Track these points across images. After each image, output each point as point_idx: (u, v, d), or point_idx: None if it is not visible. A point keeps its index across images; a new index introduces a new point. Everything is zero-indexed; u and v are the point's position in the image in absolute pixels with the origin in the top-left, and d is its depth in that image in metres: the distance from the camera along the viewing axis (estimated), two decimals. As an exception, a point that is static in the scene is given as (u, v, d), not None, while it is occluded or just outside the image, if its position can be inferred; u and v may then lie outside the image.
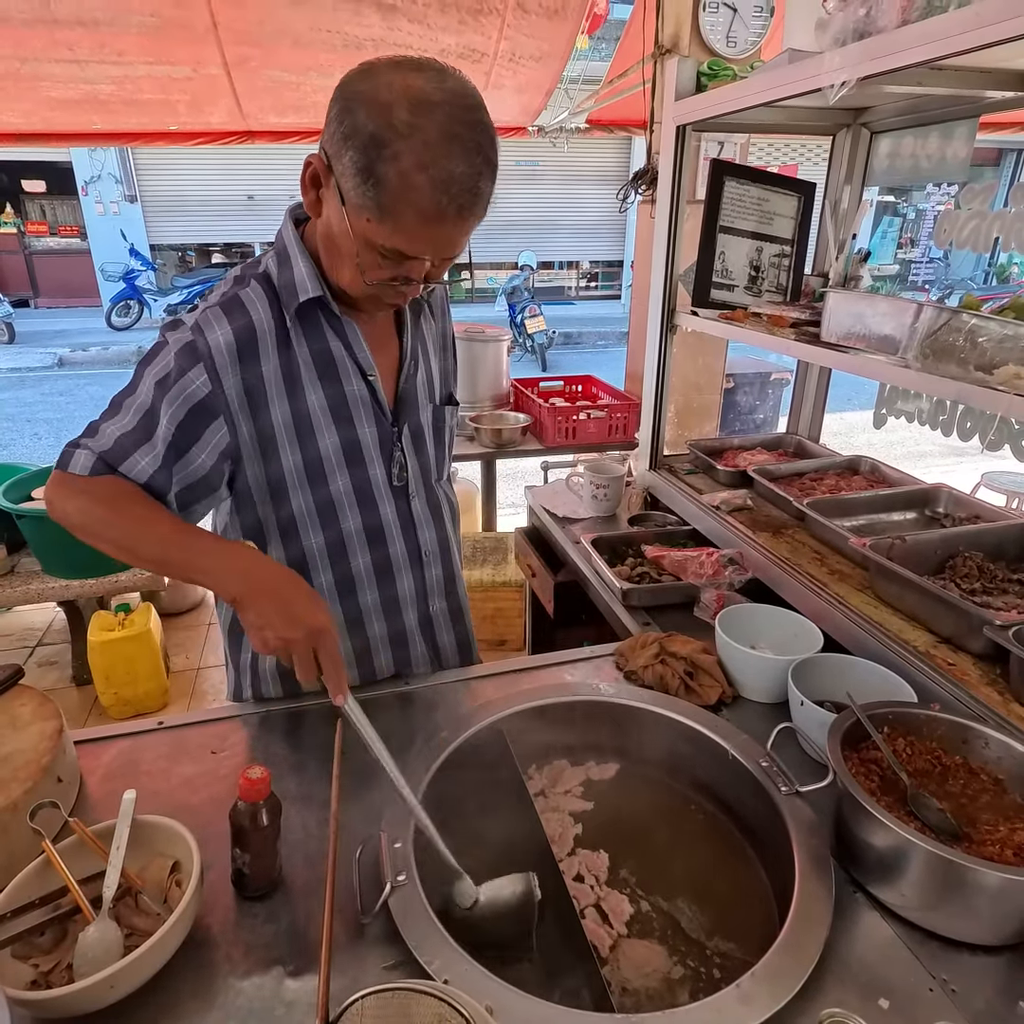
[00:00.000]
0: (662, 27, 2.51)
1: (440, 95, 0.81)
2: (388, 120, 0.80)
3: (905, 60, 1.03)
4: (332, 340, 1.04)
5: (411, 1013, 0.62)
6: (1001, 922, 0.77)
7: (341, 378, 1.05)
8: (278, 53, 3.27)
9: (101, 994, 0.68)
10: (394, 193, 0.82)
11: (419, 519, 1.18)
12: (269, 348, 1.00)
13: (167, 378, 0.96)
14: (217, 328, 0.96)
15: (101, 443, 0.97)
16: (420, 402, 1.15)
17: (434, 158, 0.80)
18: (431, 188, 0.81)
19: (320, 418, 1.04)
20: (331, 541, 1.11)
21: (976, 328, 1.10)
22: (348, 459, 1.07)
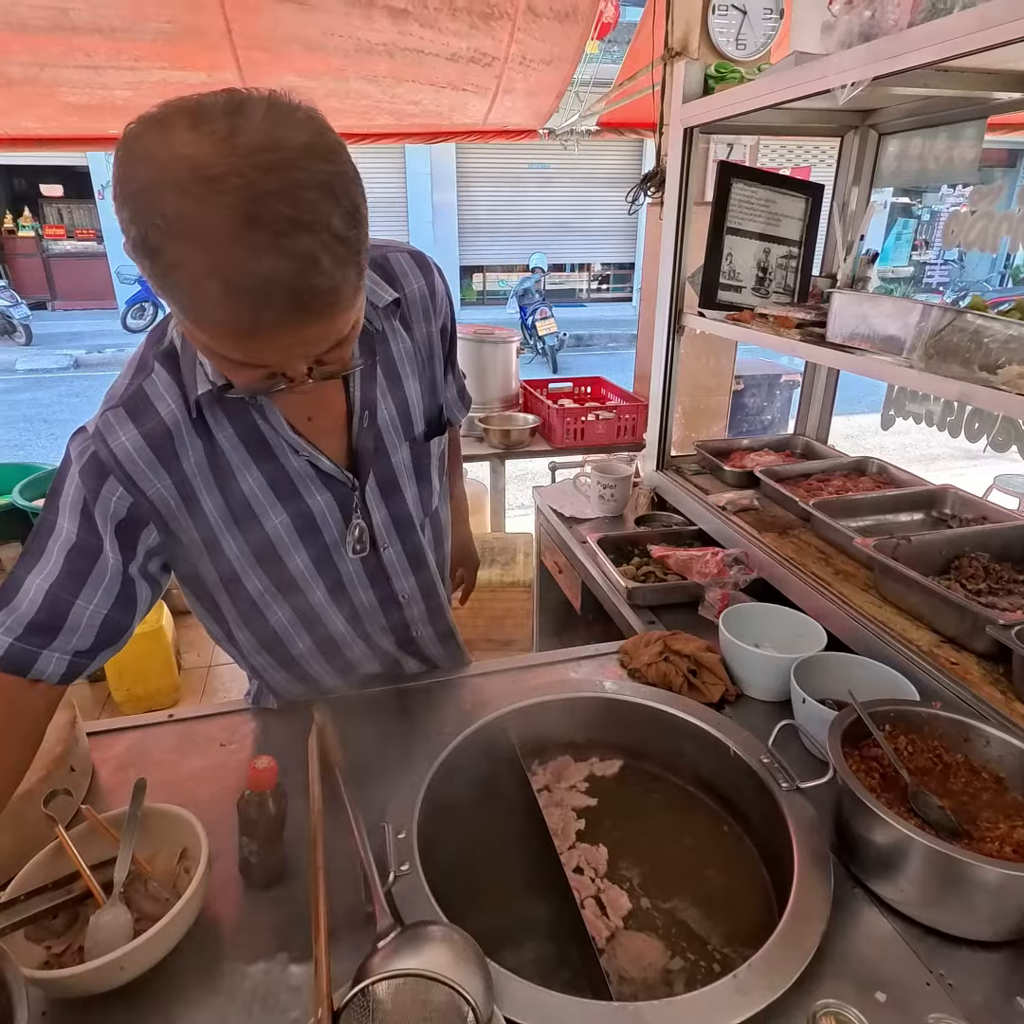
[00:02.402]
0: (671, 30, 2.52)
1: (227, 159, 0.58)
2: (151, 218, 0.60)
3: (910, 62, 1.03)
4: (257, 418, 0.90)
5: (423, 999, 0.63)
6: (999, 918, 0.78)
7: (277, 455, 0.93)
8: (291, 58, 3.30)
9: (111, 975, 0.70)
10: (197, 308, 0.64)
11: (393, 569, 1.09)
12: (186, 442, 0.87)
13: (86, 505, 0.84)
14: (121, 433, 0.84)
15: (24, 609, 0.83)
16: (389, 446, 1.02)
17: (227, 261, 0.60)
18: (234, 301, 0.61)
19: (262, 499, 0.94)
20: (301, 612, 1.04)
21: (981, 328, 1.10)
22: (301, 533, 0.98)
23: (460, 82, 3.54)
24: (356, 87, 3.58)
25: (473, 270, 13.45)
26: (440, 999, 0.62)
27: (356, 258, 0.67)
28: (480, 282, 13.61)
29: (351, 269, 0.67)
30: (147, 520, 0.88)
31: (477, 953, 0.68)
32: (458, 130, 4.20)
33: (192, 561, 0.96)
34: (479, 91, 3.64)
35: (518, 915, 0.89)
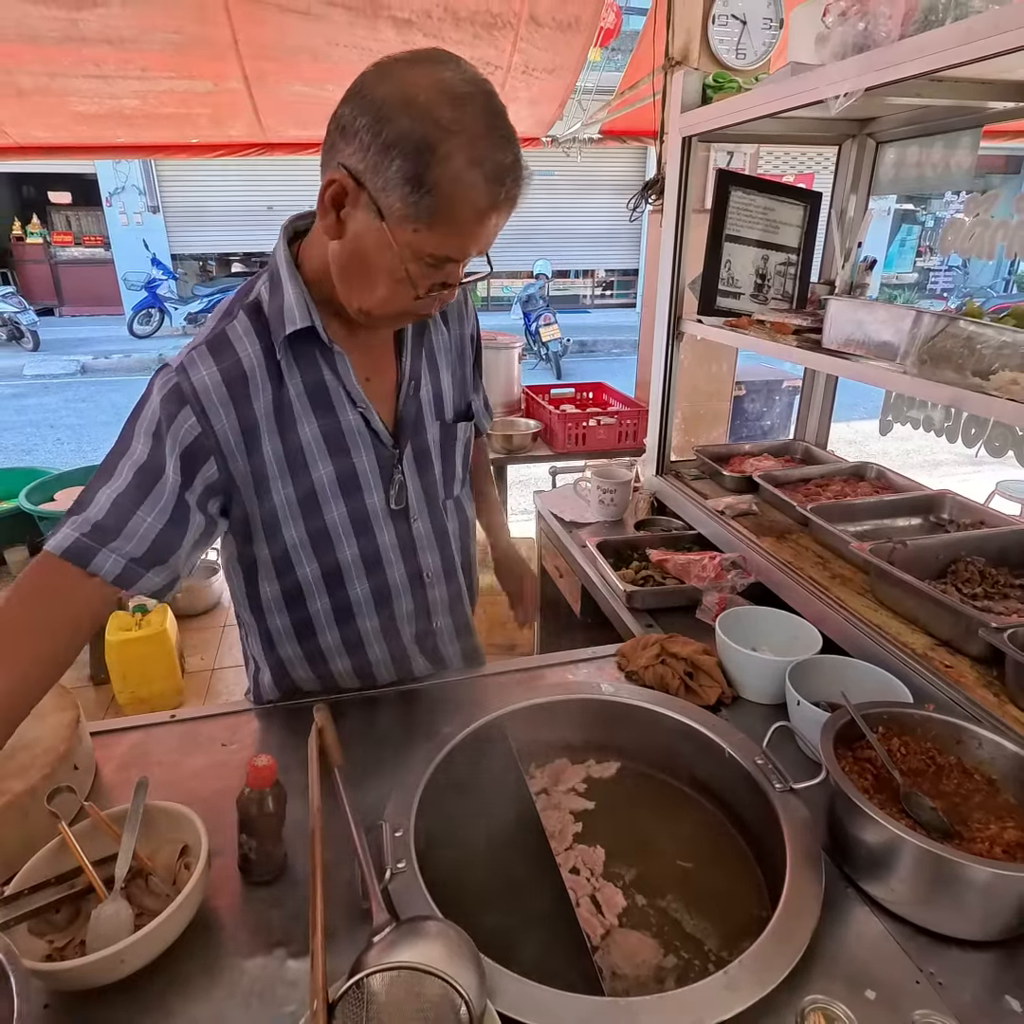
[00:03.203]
0: (672, 39, 2.55)
1: (468, 86, 0.79)
2: (434, 120, 0.76)
3: (902, 73, 1.05)
4: (325, 371, 1.00)
5: (417, 992, 0.64)
6: (989, 918, 0.78)
7: (335, 409, 1.01)
8: (297, 67, 3.34)
9: (111, 968, 0.71)
10: (448, 194, 0.79)
11: (420, 543, 1.15)
12: (260, 384, 0.96)
13: (159, 427, 0.92)
14: (202, 368, 0.93)
15: (93, 513, 0.90)
16: (425, 421, 1.11)
17: (484, 152, 0.79)
18: (485, 182, 0.80)
19: (314, 450, 1.01)
20: (327, 570, 1.09)
21: (974, 335, 1.11)
22: (344, 488, 1.05)
23: (464, 91, 3.57)
24: (361, 96, 3.61)
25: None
26: (434, 992, 0.63)
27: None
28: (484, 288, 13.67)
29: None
30: (209, 454, 0.95)
31: (471, 948, 0.70)
32: (462, 138, 4.22)
33: (241, 502, 1.01)
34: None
35: (513, 913, 0.89)
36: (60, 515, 2.55)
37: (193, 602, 3.48)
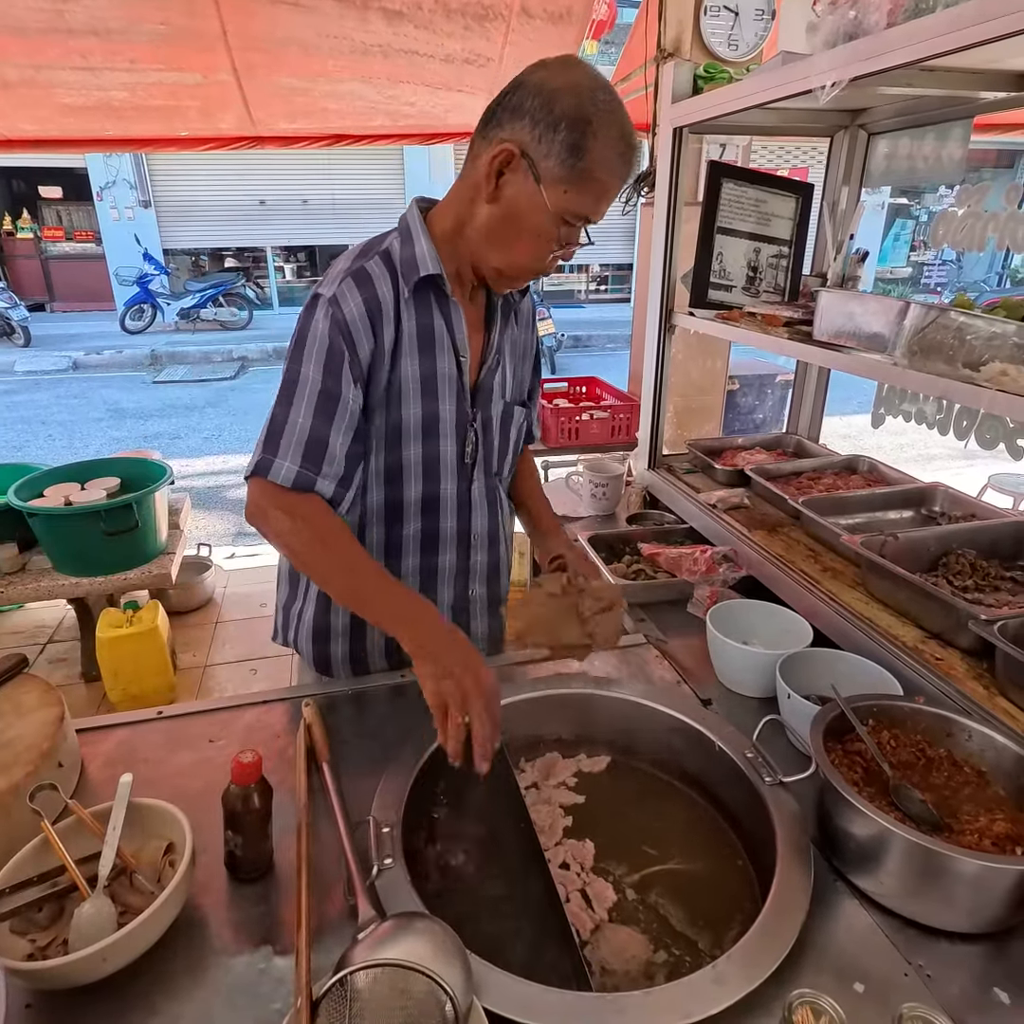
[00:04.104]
0: (664, 31, 2.53)
1: (604, 81, 1.00)
2: (594, 103, 0.96)
3: (892, 61, 1.04)
4: (436, 319, 1.12)
5: (402, 989, 0.63)
6: (977, 910, 0.78)
7: (436, 354, 1.13)
8: (287, 60, 3.31)
9: (94, 967, 0.70)
10: (599, 159, 0.97)
11: (475, 502, 1.24)
12: (390, 319, 1.08)
13: (330, 355, 1.04)
14: (351, 299, 1.05)
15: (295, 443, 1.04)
16: (495, 395, 1.22)
17: (627, 129, 0.99)
18: (626, 148, 0.99)
19: (410, 388, 1.12)
20: (391, 503, 1.18)
21: (964, 326, 1.11)
22: (425, 431, 1.14)
23: (455, 83, 3.55)
24: (352, 88, 3.59)
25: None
26: (418, 989, 0.63)
27: None
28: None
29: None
30: (356, 380, 1.07)
31: (457, 944, 0.69)
32: (454, 131, 4.21)
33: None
34: (474, 92, 3.65)
35: (502, 908, 0.89)
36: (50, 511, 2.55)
37: (185, 599, 3.46)
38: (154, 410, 7.68)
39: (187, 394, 8.32)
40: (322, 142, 4.21)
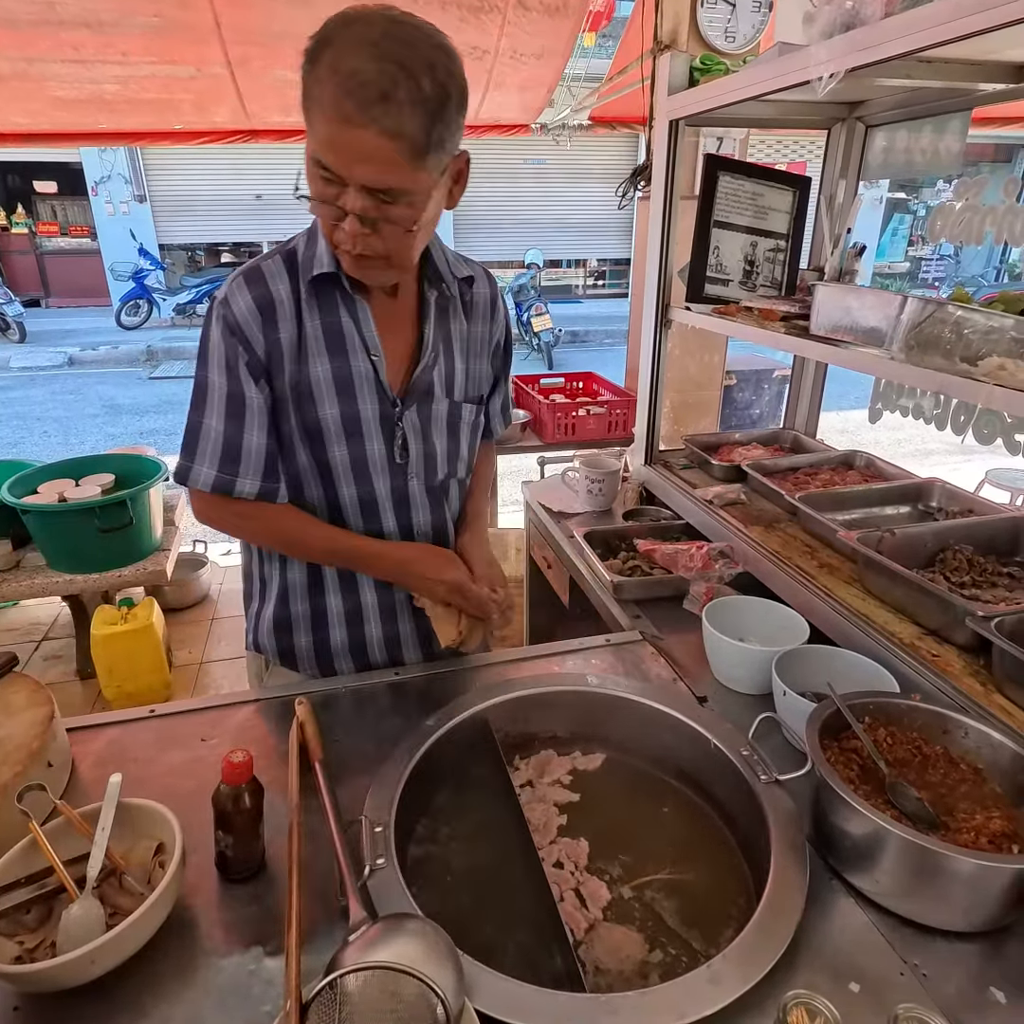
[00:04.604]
0: (661, 23, 2.51)
1: (373, 14, 0.85)
2: (325, 32, 0.85)
3: (889, 51, 1.03)
4: (343, 316, 1.09)
5: (392, 992, 0.63)
6: (974, 909, 0.78)
7: (348, 353, 1.10)
8: (281, 52, 3.29)
9: (82, 969, 0.69)
10: (312, 96, 0.86)
11: (415, 499, 1.21)
12: (285, 316, 1.06)
13: (227, 357, 1.05)
14: (240, 298, 1.04)
15: (211, 449, 1.07)
16: (436, 392, 1.18)
17: (343, 59, 0.82)
18: (335, 86, 0.83)
19: (323, 389, 1.09)
20: (330, 502, 1.16)
21: (961, 320, 1.10)
22: (348, 431, 1.12)
23: (451, 76, 3.52)
24: (347, 82, 3.56)
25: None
26: (409, 992, 0.62)
27: (432, 123, 0.86)
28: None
29: (422, 125, 0.85)
30: (261, 373, 1.07)
31: (449, 946, 0.68)
32: (449, 124, 4.17)
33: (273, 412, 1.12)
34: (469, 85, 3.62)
35: (495, 909, 0.88)
36: (44, 508, 2.53)
37: (181, 596, 3.45)
38: (150, 406, 7.65)
39: (183, 390, 8.25)
40: (317, 136, 4.18)
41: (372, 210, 0.91)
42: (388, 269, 1.02)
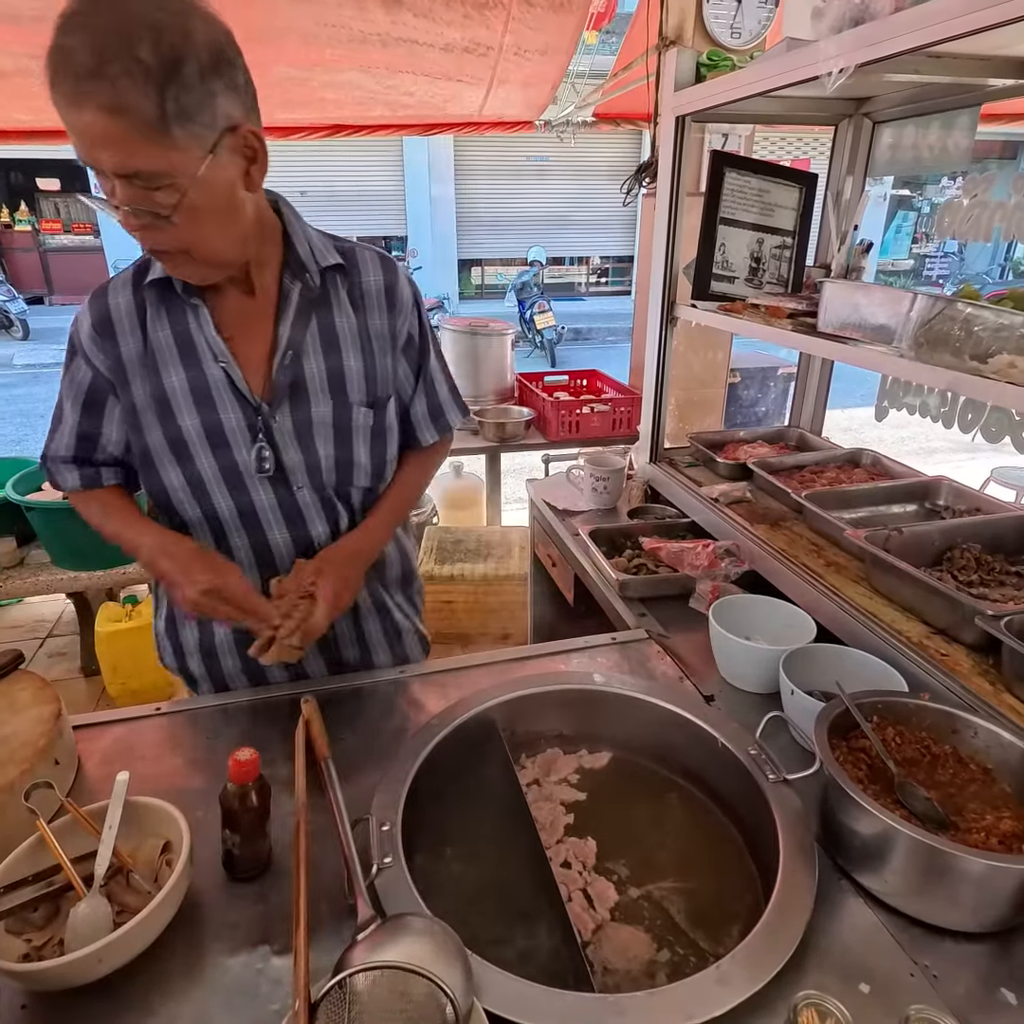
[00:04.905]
0: (666, 18, 2.50)
1: None
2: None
3: (899, 46, 1.02)
4: (191, 322, 1.05)
5: (402, 991, 0.62)
6: (984, 909, 0.77)
7: (202, 361, 1.05)
8: (284, 49, 3.27)
9: (90, 968, 0.69)
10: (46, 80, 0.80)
11: (308, 511, 1.13)
12: (127, 329, 1.05)
13: (69, 375, 1.10)
14: (83, 319, 1.07)
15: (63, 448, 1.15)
16: (312, 395, 1.09)
17: (56, 35, 0.78)
18: (50, 66, 0.78)
19: (180, 399, 1.06)
20: (208, 516, 1.12)
21: (971, 317, 1.09)
22: (212, 441, 1.07)
23: (455, 73, 3.51)
24: (350, 78, 3.55)
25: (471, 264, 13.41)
26: (418, 991, 0.62)
27: (161, 93, 0.78)
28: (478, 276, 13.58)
29: (148, 96, 0.77)
30: (106, 391, 1.10)
31: (457, 945, 0.68)
32: (453, 122, 4.17)
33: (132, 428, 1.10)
34: (474, 82, 3.61)
35: (503, 908, 0.88)
36: (48, 505, 2.54)
37: (185, 593, 3.45)
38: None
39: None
40: (320, 133, 4.17)
41: (137, 199, 0.84)
42: (196, 264, 0.94)
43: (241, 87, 0.87)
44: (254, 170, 0.92)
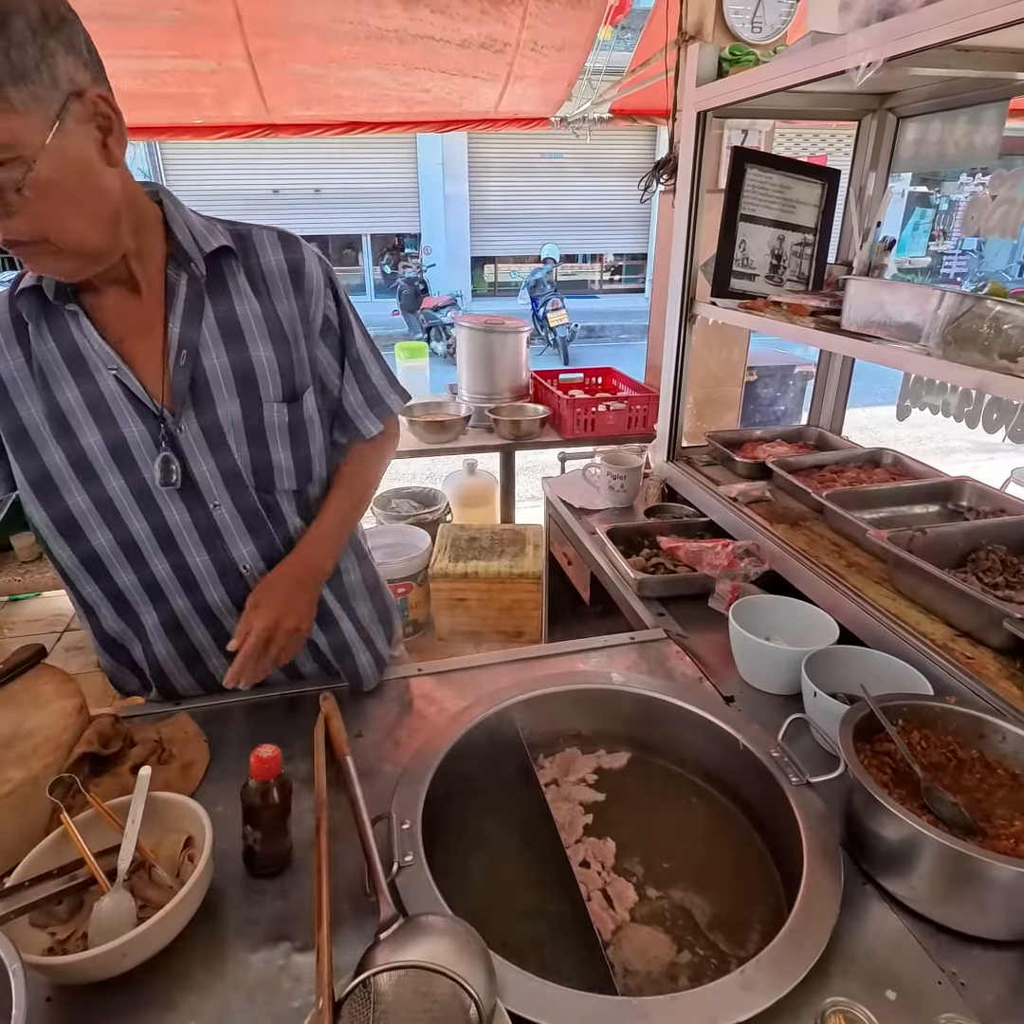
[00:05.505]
0: (686, 13, 2.48)
1: None
2: None
3: (929, 40, 1.00)
4: (76, 333, 0.96)
5: (425, 992, 0.62)
6: (1013, 917, 0.76)
7: (93, 372, 0.97)
8: (302, 46, 3.28)
9: (113, 962, 0.69)
10: None
11: (227, 529, 1.04)
12: (2, 347, 0.96)
13: None
14: None
15: None
16: (216, 396, 1.00)
17: None
18: None
19: (79, 415, 0.97)
20: (121, 541, 1.03)
21: (1000, 315, 1.07)
22: (116, 459, 0.99)
23: (471, 69, 3.50)
24: (366, 75, 3.55)
25: (484, 261, 13.39)
26: (442, 991, 0.62)
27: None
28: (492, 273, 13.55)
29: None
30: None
31: (480, 945, 0.68)
32: (469, 118, 4.16)
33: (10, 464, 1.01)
34: (490, 78, 3.60)
35: (523, 908, 0.88)
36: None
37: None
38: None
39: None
40: (336, 129, 4.18)
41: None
42: (60, 256, 0.85)
43: (82, 48, 0.80)
44: (111, 141, 0.84)
